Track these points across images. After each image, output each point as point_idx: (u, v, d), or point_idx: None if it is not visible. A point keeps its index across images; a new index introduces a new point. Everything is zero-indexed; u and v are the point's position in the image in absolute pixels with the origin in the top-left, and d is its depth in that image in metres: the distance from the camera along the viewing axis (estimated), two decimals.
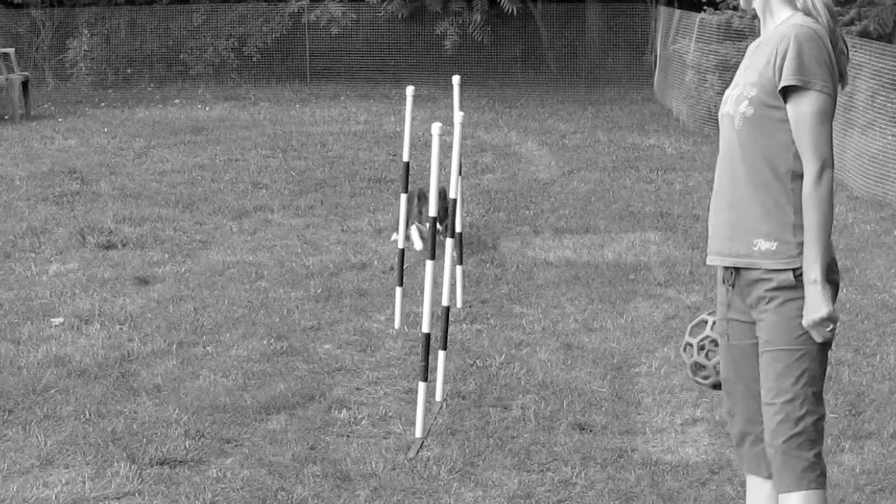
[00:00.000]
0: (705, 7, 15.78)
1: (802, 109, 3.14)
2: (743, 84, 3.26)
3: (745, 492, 4.45)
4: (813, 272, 3.11)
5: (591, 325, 6.72)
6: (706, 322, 3.60)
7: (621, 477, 4.66)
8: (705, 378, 3.61)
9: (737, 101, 3.26)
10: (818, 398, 3.24)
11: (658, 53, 19.17)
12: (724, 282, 3.38)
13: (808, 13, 3.22)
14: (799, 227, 3.18)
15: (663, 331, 6.59)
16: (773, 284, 3.21)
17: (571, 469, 4.72)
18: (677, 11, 17.50)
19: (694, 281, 7.64)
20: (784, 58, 3.13)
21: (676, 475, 4.68)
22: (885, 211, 9.70)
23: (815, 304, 3.12)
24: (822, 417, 3.26)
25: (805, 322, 3.15)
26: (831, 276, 3.20)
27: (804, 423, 3.21)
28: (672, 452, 4.93)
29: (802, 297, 3.16)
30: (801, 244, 3.17)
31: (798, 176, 3.18)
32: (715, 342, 3.56)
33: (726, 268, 3.35)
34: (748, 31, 14.25)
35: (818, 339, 3.16)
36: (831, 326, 3.14)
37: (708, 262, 3.43)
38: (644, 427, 5.19)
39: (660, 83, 18.67)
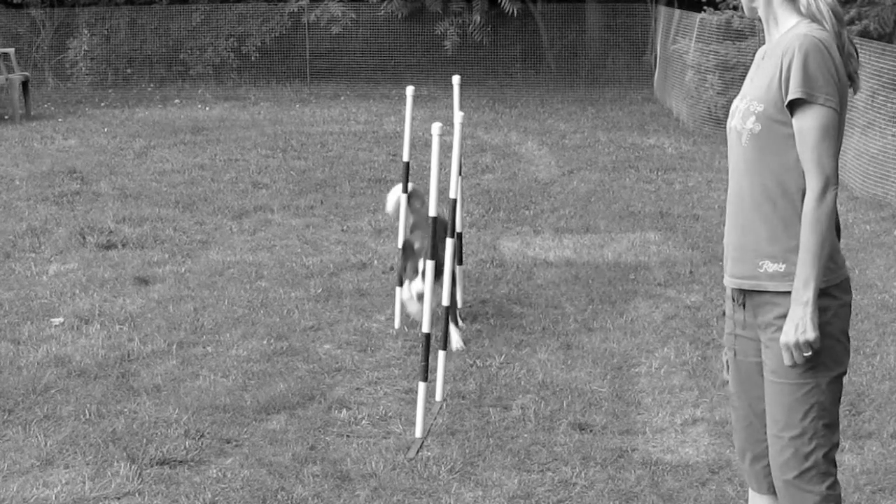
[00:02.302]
0: (705, 7, 15.78)
1: (806, 123, 3.04)
2: (750, 98, 3.16)
3: (744, 492, 4.46)
4: (805, 294, 3.01)
5: (591, 325, 6.72)
6: None
7: (621, 477, 4.66)
8: None
9: (744, 117, 3.15)
10: (830, 428, 3.15)
11: (658, 53, 19.17)
12: (733, 300, 3.29)
13: (813, 18, 3.11)
14: None
15: (663, 331, 6.59)
16: (780, 311, 3.11)
17: (571, 469, 4.72)
18: (677, 11, 17.49)
19: (694, 281, 7.64)
20: (789, 70, 3.03)
21: (676, 475, 4.68)
22: (885, 211, 9.70)
23: (803, 324, 3.02)
24: (834, 447, 3.17)
25: (786, 339, 3.04)
26: (845, 297, 3.14)
27: (814, 457, 3.13)
28: (672, 452, 4.93)
29: None
30: None
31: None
32: None
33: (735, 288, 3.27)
34: (748, 31, 14.25)
35: (788, 362, 3.06)
36: (809, 352, 3.04)
37: (724, 282, 3.34)
38: (644, 427, 5.19)
39: (660, 83, 18.67)
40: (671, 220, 9.57)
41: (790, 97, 3.04)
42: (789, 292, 3.09)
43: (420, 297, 5.98)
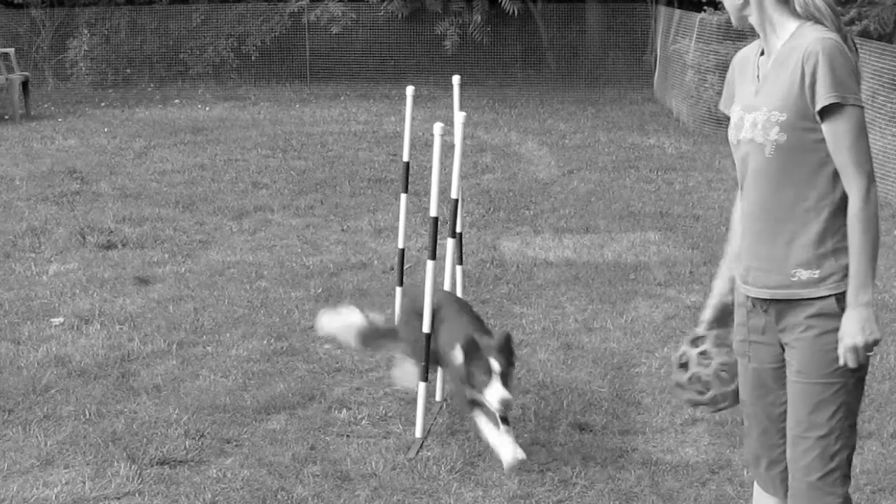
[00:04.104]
0: (705, 7, 15.79)
1: (841, 126, 2.99)
2: (767, 109, 3.07)
3: (744, 492, 4.45)
4: (865, 295, 3.00)
5: (591, 325, 6.72)
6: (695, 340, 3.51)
7: (621, 477, 4.66)
8: (701, 393, 3.48)
9: (764, 128, 3.07)
10: (853, 429, 3.13)
11: (658, 53, 19.17)
12: (753, 306, 3.23)
13: (812, 18, 3.06)
14: (840, 251, 3.05)
15: (663, 331, 6.59)
16: (812, 311, 3.08)
17: (571, 469, 4.72)
18: (677, 11, 17.50)
19: (694, 281, 7.64)
20: (814, 76, 2.97)
21: (676, 475, 4.68)
22: (885, 211, 9.70)
23: (869, 326, 3.00)
24: (853, 448, 3.15)
25: (854, 342, 3.01)
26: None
27: (839, 458, 3.11)
28: (672, 452, 4.93)
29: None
30: (844, 267, 3.05)
31: (837, 198, 3.05)
32: (705, 355, 3.47)
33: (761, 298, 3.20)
34: (749, 31, 14.21)
35: (853, 364, 3.02)
36: (871, 353, 3.04)
37: (742, 292, 3.26)
38: (644, 427, 5.19)
39: (660, 83, 18.67)
40: (671, 220, 9.57)
41: (824, 102, 2.97)
42: (824, 296, 3.07)
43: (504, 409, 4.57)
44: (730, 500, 4.48)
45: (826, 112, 2.99)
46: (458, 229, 6.71)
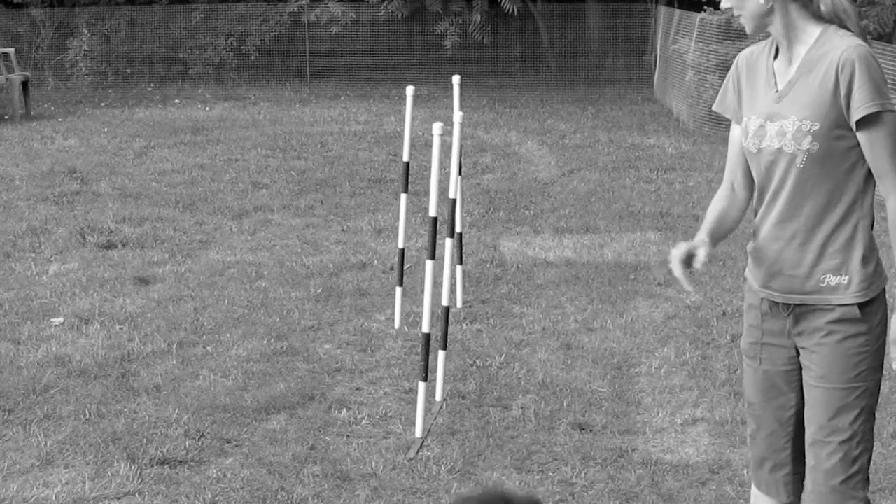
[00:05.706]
0: (705, 7, 15.79)
1: (881, 133, 2.97)
2: (797, 118, 3.02)
3: (744, 492, 4.45)
4: None
5: (591, 325, 6.72)
6: None
7: (621, 477, 4.66)
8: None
9: (795, 138, 3.03)
10: (872, 432, 3.16)
11: (658, 53, 19.18)
12: (770, 310, 3.21)
13: (836, 20, 3.02)
14: (869, 258, 3.08)
15: (663, 331, 6.59)
16: (835, 316, 3.08)
17: (571, 469, 4.72)
18: (677, 11, 17.50)
19: (694, 281, 7.62)
20: (850, 86, 2.94)
21: (676, 475, 4.68)
22: (885, 211, 9.69)
23: None
24: (872, 450, 3.17)
25: None
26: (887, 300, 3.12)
27: (861, 461, 3.13)
28: (672, 452, 4.93)
29: (863, 333, 3.06)
30: (871, 274, 3.08)
31: (866, 203, 3.08)
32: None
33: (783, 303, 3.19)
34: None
35: None
36: None
37: (761, 296, 3.24)
38: (644, 427, 5.19)
39: (660, 83, 18.67)
40: (671, 220, 9.57)
41: (865, 112, 2.95)
42: (849, 303, 3.07)
43: None
44: (730, 500, 4.48)
45: (865, 120, 2.97)
46: (458, 229, 6.72)
